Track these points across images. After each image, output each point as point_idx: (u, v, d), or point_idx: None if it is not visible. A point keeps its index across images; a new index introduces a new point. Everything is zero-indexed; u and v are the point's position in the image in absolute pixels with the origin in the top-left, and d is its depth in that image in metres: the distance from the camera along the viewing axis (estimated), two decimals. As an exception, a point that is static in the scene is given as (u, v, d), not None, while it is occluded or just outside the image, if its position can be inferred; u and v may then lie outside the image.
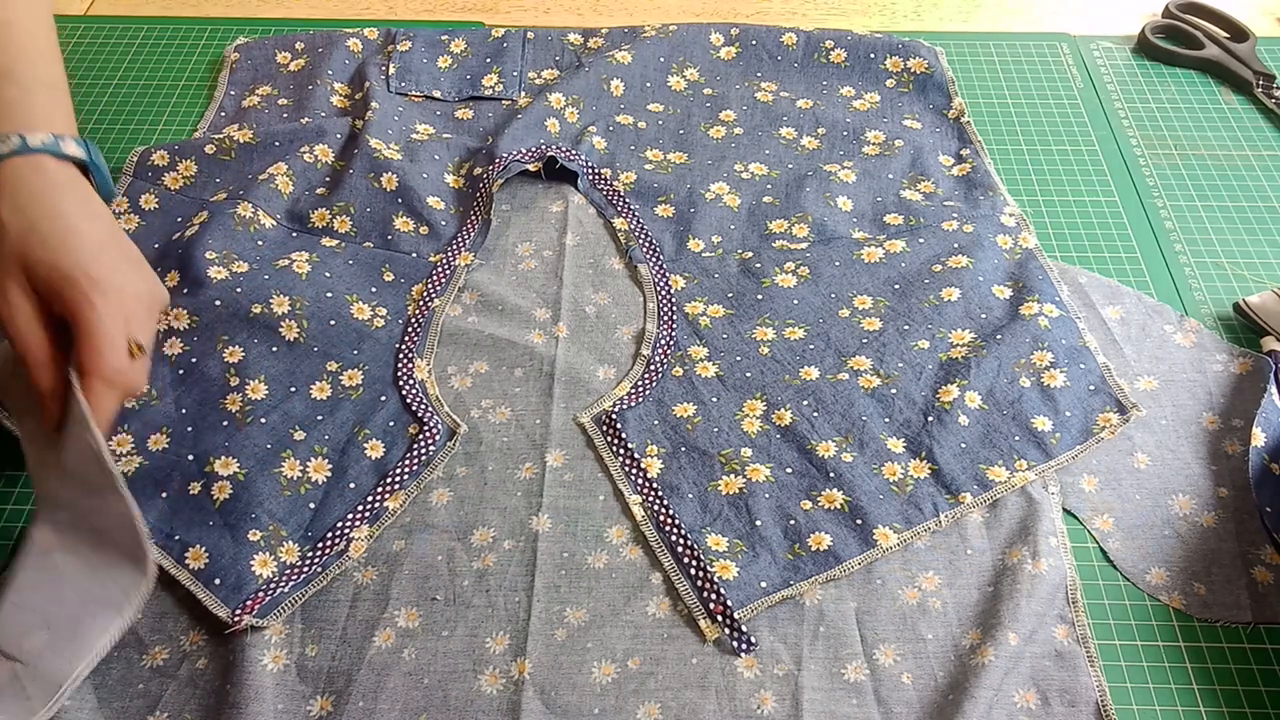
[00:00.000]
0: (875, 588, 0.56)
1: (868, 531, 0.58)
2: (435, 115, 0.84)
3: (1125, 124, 0.85)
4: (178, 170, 0.77)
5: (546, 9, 0.97)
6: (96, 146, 0.60)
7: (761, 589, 0.56)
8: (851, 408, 0.63)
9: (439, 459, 0.61)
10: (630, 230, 0.74)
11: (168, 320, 0.66)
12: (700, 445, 0.62)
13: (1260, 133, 0.84)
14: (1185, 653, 0.54)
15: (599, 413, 0.63)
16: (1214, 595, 0.56)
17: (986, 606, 0.55)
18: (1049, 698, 0.52)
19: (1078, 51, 0.91)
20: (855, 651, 0.54)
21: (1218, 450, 0.62)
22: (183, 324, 0.66)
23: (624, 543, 0.58)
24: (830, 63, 0.87)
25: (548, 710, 0.52)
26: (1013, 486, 0.59)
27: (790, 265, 0.72)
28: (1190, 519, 0.59)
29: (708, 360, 0.66)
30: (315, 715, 0.51)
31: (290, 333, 0.66)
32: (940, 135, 0.82)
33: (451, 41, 0.89)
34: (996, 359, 0.65)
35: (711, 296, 0.70)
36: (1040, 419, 0.62)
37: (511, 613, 0.55)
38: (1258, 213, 0.77)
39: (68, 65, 0.88)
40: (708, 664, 0.53)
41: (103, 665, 0.53)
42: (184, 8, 0.97)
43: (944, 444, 0.61)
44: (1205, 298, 0.71)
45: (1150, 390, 0.65)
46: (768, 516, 0.58)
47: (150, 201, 0.75)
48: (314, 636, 0.54)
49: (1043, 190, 0.79)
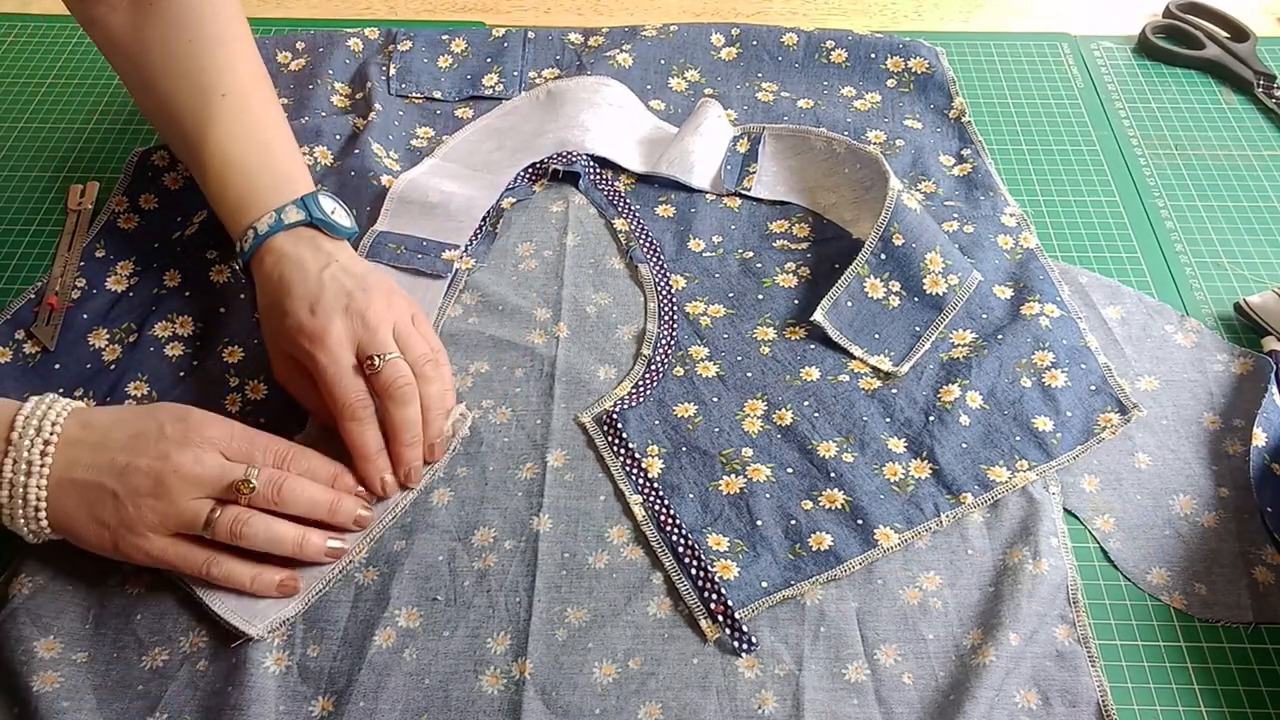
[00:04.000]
0: (876, 588, 0.56)
1: (868, 531, 0.57)
2: (435, 115, 0.84)
3: (1126, 124, 0.85)
4: (178, 170, 0.77)
5: (547, 9, 0.97)
6: (316, 197, 0.64)
7: (762, 589, 0.55)
8: (852, 408, 0.63)
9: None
10: (631, 230, 0.74)
11: (173, 327, 0.67)
12: (701, 445, 0.62)
13: (1261, 133, 0.84)
14: (1186, 652, 0.54)
15: (600, 413, 0.63)
16: (1215, 595, 0.56)
17: (987, 606, 0.55)
18: (1050, 698, 0.52)
19: (1078, 51, 0.91)
20: (856, 652, 0.54)
21: (1218, 450, 0.62)
22: (187, 330, 0.67)
23: (625, 543, 0.58)
24: (831, 63, 0.87)
25: (548, 710, 0.52)
26: (1014, 486, 0.59)
27: (791, 265, 0.72)
28: (1191, 519, 0.59)
29: (709, 360, 0.66)
30: (316, 716, 0.51)
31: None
32: (941, 135, 0.82)
33: (452, 41, 0.88)
34: (997, 359, 0.65)
35: (712, 296, 0.70)
36: (1041, 419, 0.62)
37: (512, 613, 0.55)
38: (1258, 213, 0.77)
39: (68, 65, 0.89)
40: (708, 664, 0.53)
41: (101, 666, 0.53)
42: (184, 7, 0.97)
43: (945, 444, 0.61)
44: (1206, 298, 0.71)
45: (1151, 390, 0.65)
46: (769, 516, 0.58)
47: (150, 201, 0.75)
48: (315, 637, 0.54)
49: (1043, 190, 0.79)
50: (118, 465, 0.52)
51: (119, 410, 0.55)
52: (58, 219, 0.76)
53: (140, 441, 0.52)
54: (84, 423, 0.53)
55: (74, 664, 0.52)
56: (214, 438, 0.54)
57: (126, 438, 0.53)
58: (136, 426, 0.53)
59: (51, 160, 0.81)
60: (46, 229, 0.75)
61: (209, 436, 0.53)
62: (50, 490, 0.51)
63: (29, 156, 0.81)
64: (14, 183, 0.79)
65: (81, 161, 0.80)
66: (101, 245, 0.72)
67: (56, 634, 0.53)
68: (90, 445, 0.52)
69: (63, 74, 0.88)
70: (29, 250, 0.74)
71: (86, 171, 0.80)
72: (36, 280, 0.71)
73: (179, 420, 0.53)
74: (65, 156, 0.81)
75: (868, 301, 0.67)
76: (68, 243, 0.72)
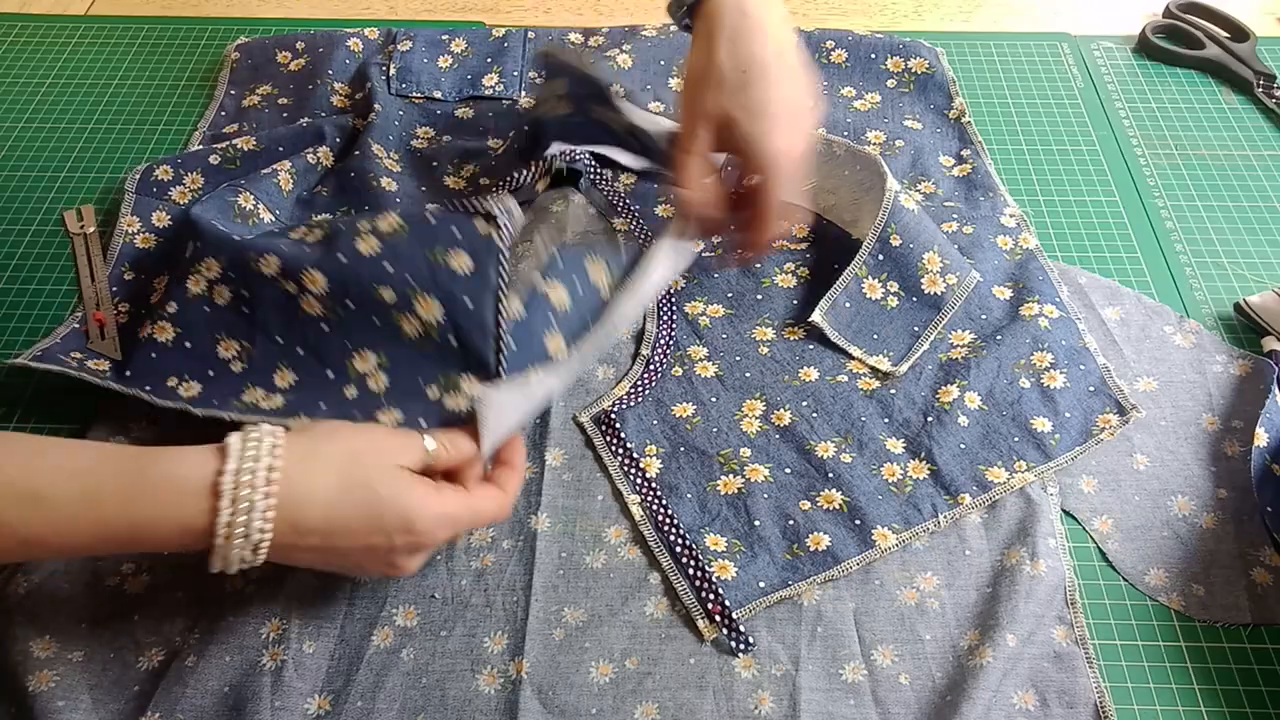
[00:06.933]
0: (874, 588, 0.56)
1: (866, 532, 0.57)
2: (435, 115, 0.84)
3: (1126, 124, 0.84)
4: (184, 184, 0.75)
5: (547, 9, 0.97)
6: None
7: (760, 589, 0.55)
8: (851, 408, 0.63)
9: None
10: (630, 230, 0.74)
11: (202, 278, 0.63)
12: (699, 445, 0.62)
13: (1261, 133, 0.83)
14: (1186, 653, 0.54)
15: (598, 412, 0.63)
16: (1213, 596, 0.56)
17: (985, 607, 0.55)
18: (1047, 699, 0.52)
19: (1078, 51, 0.91)
20: (853, 652, 0.54)
21: (1217, 451, 0.62)
22: (213, 272, 0.63)
23: (622, 542, 0.58)
24: (831, 63, 0.87)
25: (545, 710, 0.52)
26: (1012, 487, 0.59)
27: (790, 265, 0.72)
28: (1189, 520, 0.59)
29: (707, 360, 0.66)
30: (313, 714, 0.51)
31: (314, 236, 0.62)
32: (941, 136, 0.82)
33: (452, 41, 0.89)
34: (996, 360, 0.65)
35: (711, 296, 0.70)
36: (1040, 420, 0.62)
37: (509, 612, 0.55)
38: (1258, 212, 0.77)
39: (68, 65, 0.89)
40: (705, 664, 0.53)
41: (97, 666, 0.53)
42: (184, 8, 0.97)
43: (943, 445, 0.61)
44: (1206, 297, 0.71)
45: (1150, 391, 0.65)
46: (766, 516, 0.58)
47: (163, 219, 0.74)
48: (311, 634, 0.54)
49: (1043, 190, 0.79)
50: (345, 566, 0.51)
51: (331, 509, 0.48)
52: (56, 222, 0.76)
53: (370, 555, 0.50)
54: (295, 527, 0.48)
55: (70, 663, 0.52)
56: (442, 540, 0.52)
57: (353, 548, 0.49)
58: (364, 540, 0.49)
59: (51, 160, 0.81)
60: (46, 229, 0.75)
61: (438, 540, 0.51)
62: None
63: (29, 156, 0.81)
64: (14, 182, 0.79)
65: (82, 162, 0.81)
66: (127, 267, 0.71)
67: (53, 633, 0.53)
68: (309, 548, 0.49)
69: (63, 74, 0.88)
70: (29, 250, 0.74)
71: (86, 172, 0.80)
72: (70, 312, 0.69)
73: (406, 531, 0.49)
74: (65, 156, 0.81)
75: (866, 302, 0.67)
76: (86, 264, 0.71)
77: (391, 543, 0.49)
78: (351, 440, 0.51)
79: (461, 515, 0.52)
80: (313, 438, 0.50)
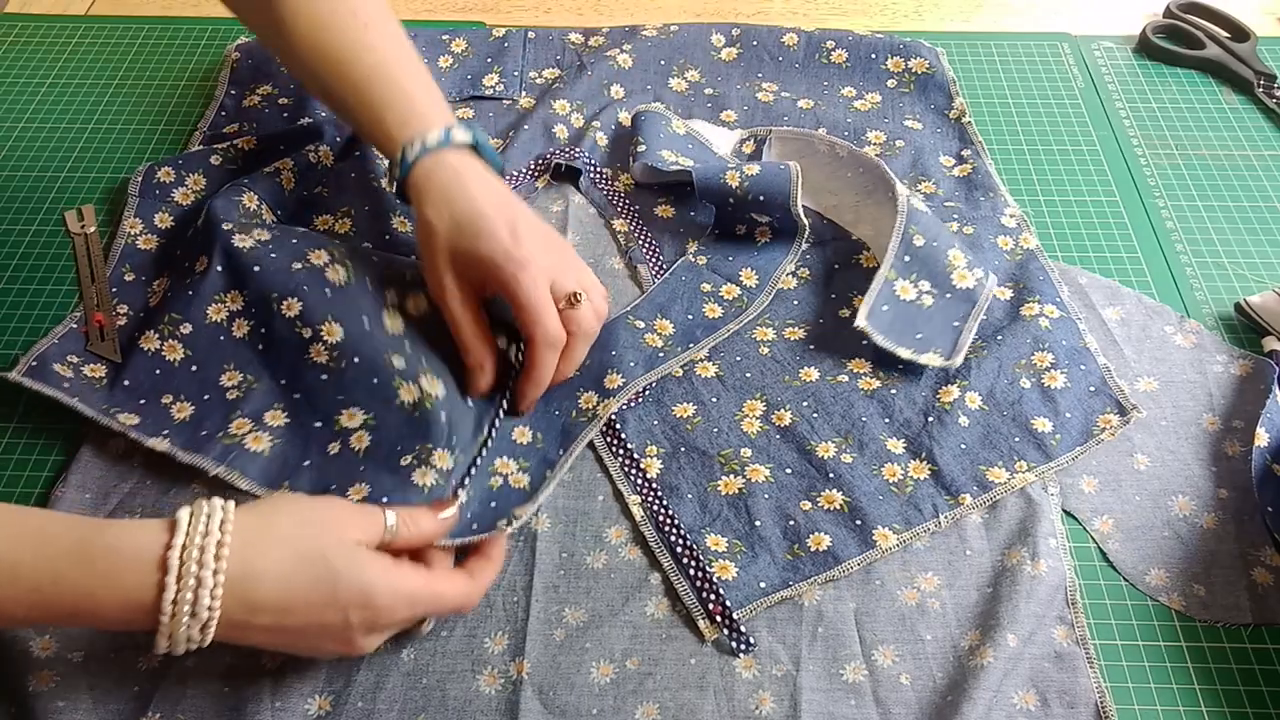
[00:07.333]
0: (874, 588, 0.56)
1: (867, 532, 0.57)
2: (435, 115, 0.83)
3: (1126, 124, 0.84)
4: (187, 185, 0.75)
5: (547, 9, 0.97)
6: (474, 124, 0.65)
7: (760, 589, 0.55)
8: (851, 408, 0.63)
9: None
10: (630, 231, 0.74)
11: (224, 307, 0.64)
12: (700, 445, 0.62)
13: (1261, 133, 0.83)
14: (1186, 653, 0.54)
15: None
16: (1214, 596, 0.56)
17: (985, 608, 0.55)
18: (1048, 699, 0.52)
19: (1078, 51, 0.91)
20: (854, 652, 0.54)
21: (1218, 451, 0.62)
22: (237, 305, 0.64)
23: (623, 543, 0.58)
24: (831, 63, 0.87)
25: (546, 710, 0.52)
26: (1013, 488, 0.59)
27: (791, 266, 0.72)
28: (1190, 520, 0.59)
29: (707, 360, 0.66)
30: (313, 714, 0.51)
31: (337, 275, 0.63)
32: (941, 136, 0.82)
33: (452, 41, 0.89)
34: (997, 360, 0.65)
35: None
36: (1040, 420, 0.62)
37: (510, 613, 0.55)
38: (1259, 212, 0.77)
39: (68, 65, 0.89)
40: (706, 664, 0.53)
41: (99, 667, 0.53)
42: (184, 8, 0.97)
43: (944, 445, 0.61)
44: (1206, 297, 0.71)
45: (1150, 391, 0.65)
46: (767, 517, 0.58)
47: (165, 220, 0.74)
48: (312, 636, 0.54)
49: (1043, 190, 0.79)
50: (298, 647, 0.49)
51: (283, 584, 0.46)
52: (56, 223, 0.76)
53: (325, 634, 0.48)
54: (247, 604, 0.46)
55: (70, 663, 0.53)
56: (400, 620, 0.50)
57: (308, 625, 0.47)
58: (319, 616, 0.47)
59: (52, 160, 0.81)
60: (47, 229, 0.75)
61: (397, 621, 0.50)
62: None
63: (29, 156, 0.81)
64: (14, 182, 0.79)
65: (82, 162, 0.80)
66: (128, 269, 0.70)
67: (53, 633, 0.53)
68: (262, 628, 0.47)
69: (63, 74, 0.88)
70: (29, 250, 0.74)
71: (86, 172, 0.80)
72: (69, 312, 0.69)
73: (363, 607, 0.47)
74: (65, 156, 0.81)
75: (902, 304, 0.67)
76: (86, 264, 0.71)
77: (347, 619, 0.47)
78: (307, 512, 0.49)
79: (421, 594, 0.50)
80: (265, 511, 0.48)
